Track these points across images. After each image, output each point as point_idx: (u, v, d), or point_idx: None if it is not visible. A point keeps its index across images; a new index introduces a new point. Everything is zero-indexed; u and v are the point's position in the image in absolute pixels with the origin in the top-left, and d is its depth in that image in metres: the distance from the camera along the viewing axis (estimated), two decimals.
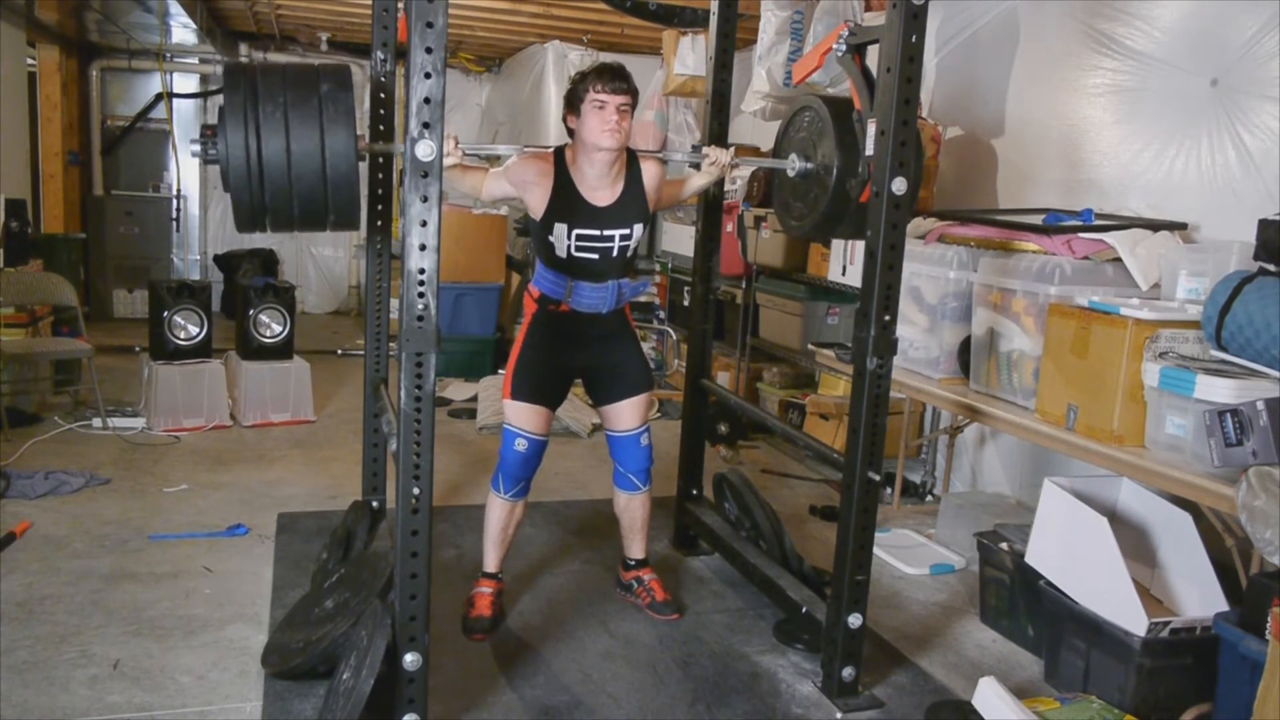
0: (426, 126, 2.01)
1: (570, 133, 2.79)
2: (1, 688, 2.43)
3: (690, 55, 5.85)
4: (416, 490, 2.13)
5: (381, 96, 3.15)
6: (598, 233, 2.79)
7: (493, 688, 2.57)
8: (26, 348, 4.77)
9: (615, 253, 2.83)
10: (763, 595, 3.12)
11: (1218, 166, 3.07)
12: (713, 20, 3.37)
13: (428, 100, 2.00)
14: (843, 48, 2.68)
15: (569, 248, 2.78)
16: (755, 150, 5.84)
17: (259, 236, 9.26)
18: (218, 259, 8.39)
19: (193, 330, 4.87)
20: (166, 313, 4.81)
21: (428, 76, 2.00)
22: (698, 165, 3.06)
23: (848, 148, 2.65)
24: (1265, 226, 2.56)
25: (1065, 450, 2.87)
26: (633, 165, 2.85)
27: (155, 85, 8.08)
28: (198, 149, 2.18)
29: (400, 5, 2.84)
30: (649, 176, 2.87)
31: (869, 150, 2.51)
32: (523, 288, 3.04)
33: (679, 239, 6.25)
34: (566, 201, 2.76)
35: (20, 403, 4.83)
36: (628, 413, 2.98)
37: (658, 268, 6.77)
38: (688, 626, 2.99)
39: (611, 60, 2.80)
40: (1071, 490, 2.71)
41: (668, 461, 3.92)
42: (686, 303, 5.57)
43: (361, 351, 4.17)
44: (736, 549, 3.24)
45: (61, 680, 2.48)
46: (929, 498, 4.32)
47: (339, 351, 6.99)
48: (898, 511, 4.13)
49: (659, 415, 5.58)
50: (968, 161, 4.16)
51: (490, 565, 2.98)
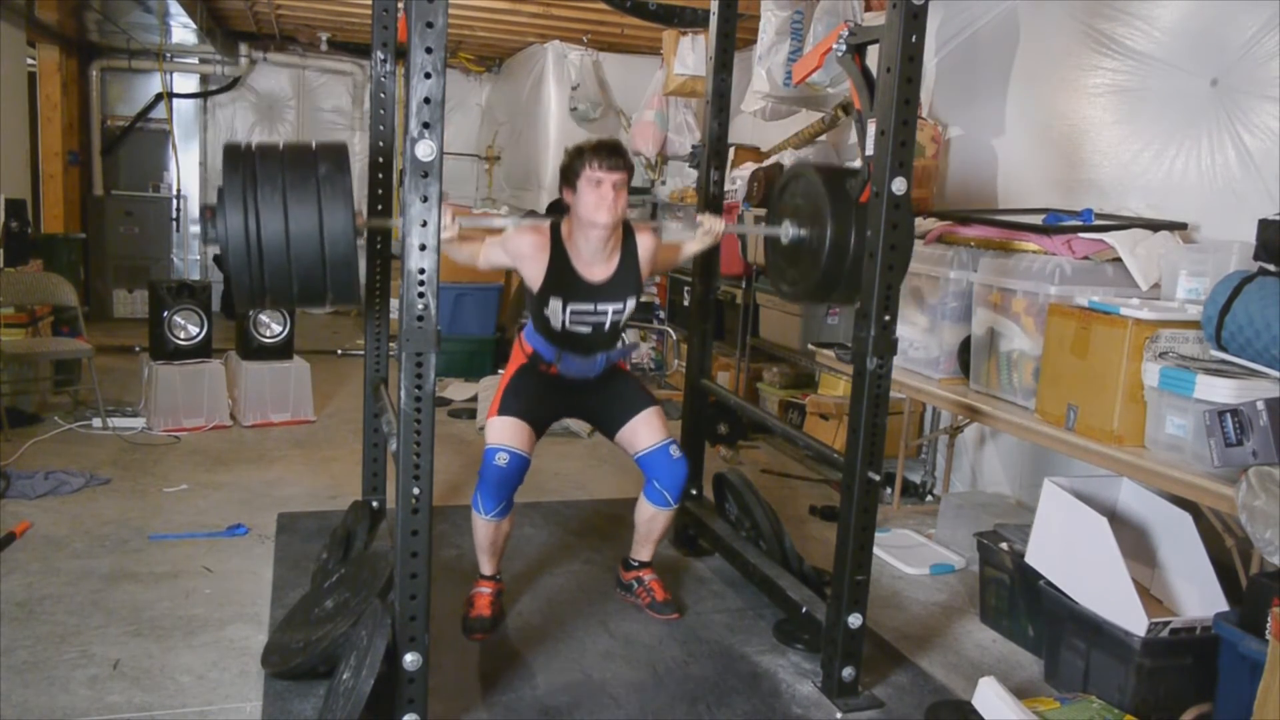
0: (426, 126, 2.01)
1: (564, 206, 2.80)
2: (1, 688, 2.43)
3: (690, 55, 5.85)
4: (416, 490, 2.13)
5: (381, 96, 3.15)
6: (591, 308, 2.82)
7: (493, 688, 2.57)
8: (26, 348, 4.77)
9: (607, 326, 2.88)
10: (763, 595, 3.12)
11: (1218, 166, 3.07)
12: (713, 20, 3.37)
13: (428, 100, 2.00)
14: (843, 48, 2.68)
15: (563, 321, 2.83)
16: (755, 151, 5.86)
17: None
18: (218, 259, 8.38)
19: (193, 330, 4.87)
20: (166, 313, 4.81)
21: (428, 76, 2.00)
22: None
23: (841, 218, 2.66)
24: (1265, 226, 2.56)
25: (1065, 450, 2.87)
26: (628, 239, 2.87)
27: (155, 85, 8.09)
28: (199, 229, 2.23)
29: (400, 5, 2.84)
30: (644, 249, 2.89)
31: (869, 150, 2.51)
32: (520, 328, 3.05)
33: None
34: (562, 276, 2.79)
35: (20, 403, 4.84)
36: (643, 428, 2.96)
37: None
38: (688, 626, 2.99)
39: (609, 140, 2.78)
40: (1071, 490, 2.71)
41: None
42: (686, 303, 5.57)
43: (361, 351, 4.16)
44: (736, 549, 3.24)
45: (61, 680, 2.48)
46: (929, 498, 4.32)
47: (339, 351, 6.99)
48: (898, 511, 4.13)
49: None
50: (968, 161, 4.16)
51: (486, 570, 2.98)
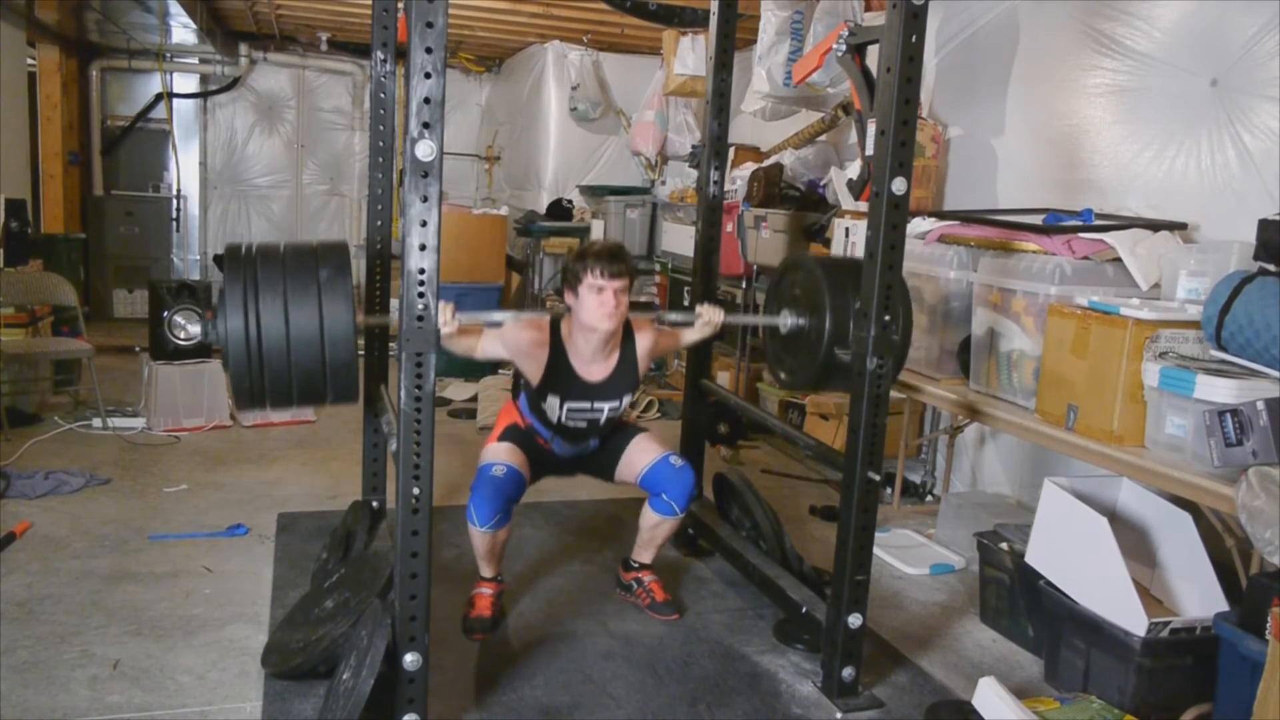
0: (426, 126, 2.01)
1: (565, 303, 2.80)
2: (1, 688, 2.43)
3: (690, 55, 5.85)
4: (416, 490, 2.13)
5: (381, 96, 3.15)
6: (588, 405, 2.85)
7: (493, 688, 2.57)
8: (26, 348, 4.77)
9: (603, 421, 2.91)
10: (763, 595, 3.12)
11: (1218, 166, 3.07)
12: (713, 20, 3.37)
13: (428, 100, 2.00)
14: (843, 48, 2.68)
15: (559, 417, 2.85)
16: (755, 151, 5.86)
17: (258, 235, 9.27)
18: (218, 259, 8.38)
19: (193, 330, 4.87)
20: (166, 313, 4.80)
21: (428, 76, 2.00)
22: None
23: (839, 310, 2.68)
24: (1265, 226, 2.56)
25: (1065, 450, 2.87)
26: (627, 338, 2.88)
27: (155, 85, 8.09)
28: (197, 330, 2.26)
29: (400, 5, 2.84)
30: (643, 346, 2.91)
31: (869, 150, 2.51)
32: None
33: (679, 239, 6.25)
34: (560, 375, 2.80)
35: (20, 403, 4.84)
36: (636, 452, 2.98)
37: (658, 268, 6.77)
38: (688, 626, 2.99)
39: (611, 245, 2.77)
40: (1071, 490, 2.71)
41: None
42: (686, 303, 5.57)
43: (362, 351, 4.16)
44: (736, 549, 3.24)
45: (61, 680, 2.48)
46: (929, 498, 4.32)
47: None
48: (898, 511, 4.13)
49: (659, 416, 5.58)
50: (968, 161, 4.16)
51: (486, 574, 2.98)
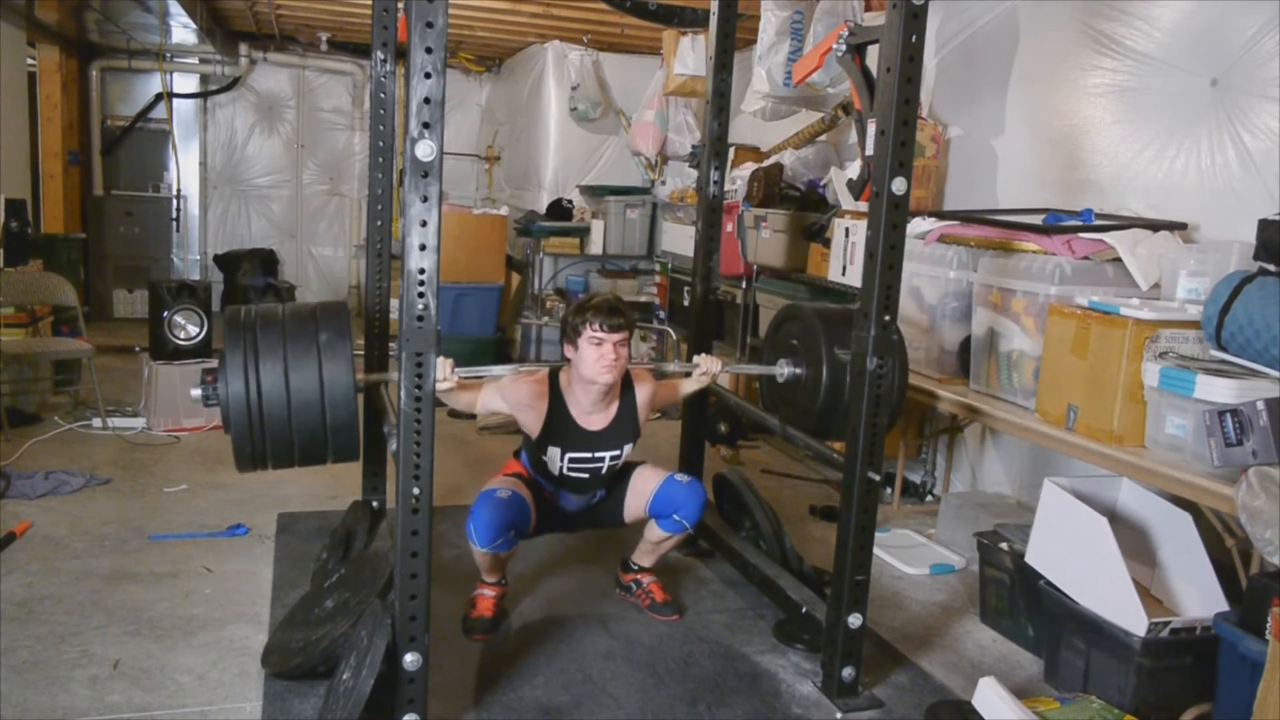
0: (426, 126, 2.01)
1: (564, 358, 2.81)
2: (1, 688, 2.43)
3: (690, 55, 5.85)
4: (416, 490, 2.13)
5: (381, 96, 3.15)
6: (589, 455, 2.85)
7: (493, 688, 2.57)
8: (26, 348, 4.77)
9: (604, 470, 2.91)
10: (763, 595, 3.12)
11: (1218, 166, 3.07)
12: (713, 20, 3.37)
13: (428, 100, 2.00)
14: (843, 48, 2.68)
15: (561, 468, 2.86)
16: (755, 151, 5.86)
17: (258, 235, 9.20)
18: (218, 259, 8.38)
19: (193, 330, 4.87)
20: (166, 313, 4.81)
21: (428, 76, 2.00)
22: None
23: (835, 362, 2.70)
24: (1265, 226, 2.56)
25: (1065, 450, 2.87)
26: (626, 388, 2.89)
27: (155, 85, 8.08)
28: (198, 393, 2.29)
29: (400, 5, 2.84)
30: (642, 396, 2.91)
31: (869, 150, 2.51)
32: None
33: (679, 239, 6.24)
34: (560, 426, 2.81)
35: (20, 403, 4.84)
36: (639, 483, 2.97)
37: (658, 268, 6.77)
38: (688, 626, 2.99)
39: (610, 299, 2.77)
40: (1071, 490, 2.71)
41: (668, 462, 3.91)
42: (686, 303, 5.57)
43: (362, 351, 4.16)
44: (736, 549, 3.24)
45: (61, 680, 2.48)
46: (929, 498, 4.32)
47: None
48: (898, 511, 4.13)
49: (659, 415, 5.58)
50: (968, 161, 4.16)
51: (489, 580, 2.97)
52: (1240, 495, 2.14)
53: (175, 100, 8.22)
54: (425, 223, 2.06)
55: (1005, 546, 3.03)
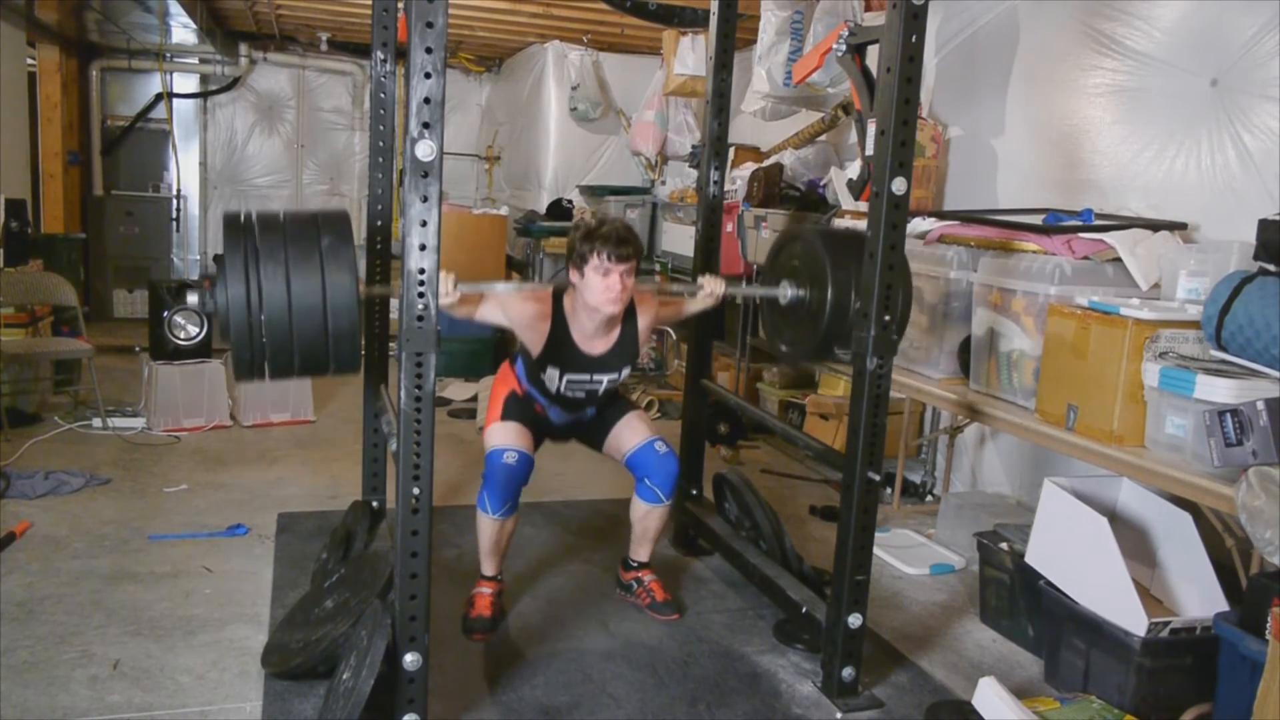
0: (426, 126, 2.01)
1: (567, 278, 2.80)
2: (1, 688, 2.43)
3: (690, 55, 5.85)
4: (416, 490, 2.13)
5: (381, 96, 3.15)
6: (588, 378, 2.86)
7: (493, 688, 2.57)
8: (26, 348, 4.77)
9: (601, 393, 2.92)
10: (763, 595, 3.12)
11: (1218, 166, 3.07)
12: (713, 20, 3.37)
13: (428, 100, 2.00)
14: (843, 48, 2.68)
15: (559, 388, 2.86)
16: (755, 151, 5.86)
17: None
18: (218, 259, 8.37)
19: (193, 330, 4.87)
20: (166, 313, 4.81)
21: (428, 76, 2.00)
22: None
23: (840, 283, 2.67)
24: (1265, 226, 2.56)
25: (1065, 450, 2.86)
26: (629, 312, 2.88)
27: (155, 85, 8.09)
28: (195, 300, 2.22)
29: (400, 5, 2.84)
30: (644, 320, 2.91)
31: (869, 150, 2.51)
32: (513, 358, 3.05)
33: (679, 239, 6.24)
34: (561, 348, 2.81)
35: (20, 403, 4.83)
36: (626, 431, 2.99)
37: (658, 268, 6.77)
38: (688, 626, 2.99)
39: (619, 227, 2.74)
40: (1071, 490, 2.71)
41: None
42: None
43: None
44: (736, 549, 3.24)
45: (61, 680, 2.48)
46: (929, 498, 4.32)
47: None
48: (898, 511, 4.13)
49: (659, 415, 5.58)
50: (968, 161, 4.16)
51: (488, 571, 2.98)
52: (1240, 495, 2.14)
53: (175, 100, 8.22)
54: (425, 223, 2.06)
55: (1005, 546, 3.03)
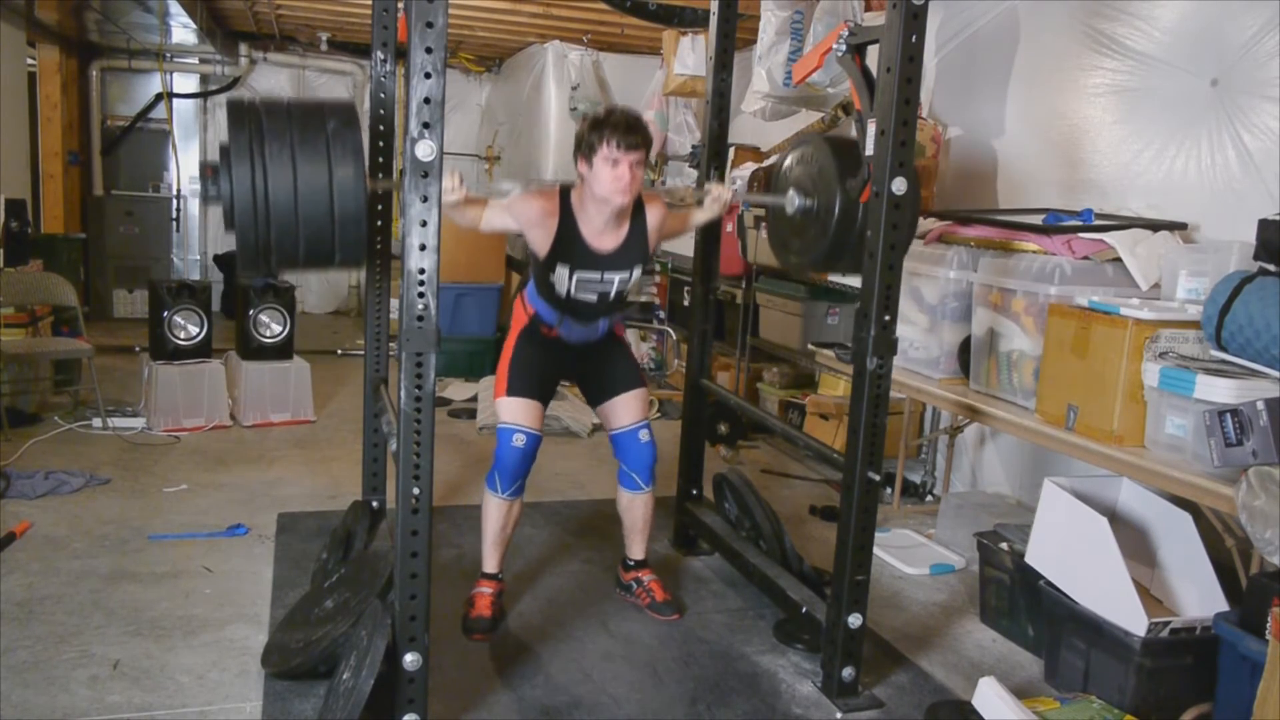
0: (426, 126, 2.01)
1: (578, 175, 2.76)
2: (1, 688, 2.43)
3: (690, 55, 5.84)
4: (416, 490, 2.13)
5: (381, 96, 3.15)
6: (598, 276, 2.81)
7: (493, 688, 2.57)
8: (26, 348, 4.77)
9: (612, 295, 2.88)
10: (763, 595, 3.12)
11: (1218, 166, 3.07)
12: (713, 20, 3.37)
13: (428, 100, 2.00)
14: (843, 48, 2.68)
15: (569, 289, 2.81)
16: (755, 151, 5.85)
17: None
18: (218, 259, 8.39)
19: (193, 330, 4.87)
20: (166, 313, 4.81)
21: (428, 76, 2.00)
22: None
23: (846, 191, 2.66)
24: (1265, 226, 2.56)
25: (1065, 450, 2.87)
26: (637, 209, 2.85)
27: (155, 85, 8.09)
28: (198, 188, 2.17)
29: (400, 5, 2.84)
30: (653, 219, 2.88)
31: (869, 150, 2.51)
32: (521, 285, 3.02)
33: (679, 239, 6.24)
34: (570, 245, 2.77)
35: (20, 403, 4.83)
36: (622, 408, 3.00)
37: (658, 268, 6.76)
38: (688, 626, 2.99)
39: (628, 114, 2.70)
40: (1071, 490, 2.71)
41: (668, 461, 3.90)
42: (686, 303, 5.57)
43: (361, 351, 4.17)
44: (736, 549, 3.24)
45: (61, 680, 2.48)
46: (929, 498, 4.32)
47: (339, 351, 6.99)
48: (898, 511, 4.13)
49: (659, 415, 5.58)
50: (968, 161, 4.16)
51: (490, 566, 2.98)
52: (1240, 495, 2.14)
53: (175, 100, 8.22)
54: (425, 223, 2.06)
55: (1005, 546, 3.03)
